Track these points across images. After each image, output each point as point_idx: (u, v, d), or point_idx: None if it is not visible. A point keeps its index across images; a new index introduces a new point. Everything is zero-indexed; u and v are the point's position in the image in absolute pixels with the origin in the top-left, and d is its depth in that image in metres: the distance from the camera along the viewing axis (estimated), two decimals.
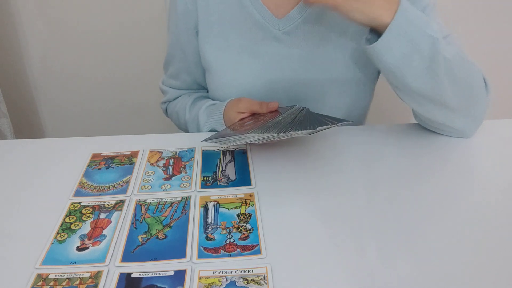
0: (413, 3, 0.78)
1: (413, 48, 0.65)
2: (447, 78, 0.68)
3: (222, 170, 0.72)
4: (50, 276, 0.53)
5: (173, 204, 0.65)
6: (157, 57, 1.30)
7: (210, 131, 0.86)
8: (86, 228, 0.61)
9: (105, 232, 0.60)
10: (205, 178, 0.71)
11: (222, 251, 0.56)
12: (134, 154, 0.77)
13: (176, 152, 0.78)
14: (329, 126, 0.66)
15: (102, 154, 0.77)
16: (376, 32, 0.69)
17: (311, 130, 0.65)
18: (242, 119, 0.80)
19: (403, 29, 0.64)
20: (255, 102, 0.80)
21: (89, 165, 0.75)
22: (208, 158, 0.76)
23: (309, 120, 0.70)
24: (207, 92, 0.97)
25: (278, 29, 0.83)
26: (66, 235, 0.60)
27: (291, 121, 0.71)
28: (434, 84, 0.68)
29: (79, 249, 0.57)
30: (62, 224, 0.61)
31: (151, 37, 1.52)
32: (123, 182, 0.70)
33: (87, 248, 0.57)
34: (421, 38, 0.65)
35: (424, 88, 0.69)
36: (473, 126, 0.78)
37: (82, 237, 0.59)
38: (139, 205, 0.65)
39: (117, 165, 0.74)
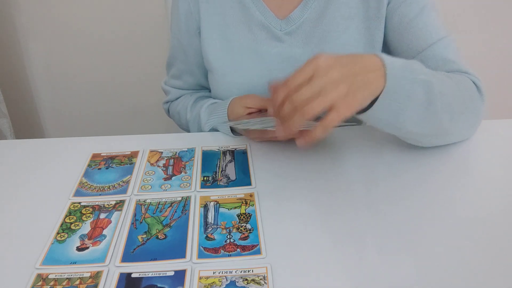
0: (410, 4, 0.78)
1: (408, 100, 0.61)
2: (445, 111, 0.66)
3: (222, 170, 0.72)
4: (50, 276, 0.53)
5: (173, 204, 0.65)
6: (157, 58, 1.30)
7: (211, 130, 0.86)
8: (86, 228, 0.61)
9: (105, 232, 0.60)
10: (205, 178, 0.71)
11: (222, 251, 0.56)
12: (134, 154, 0.77)
13: (176, 152, 0.78)
14: (342, 123, 0.67)
15: (102, 154, 0.77)
16: None
17: None
18: (249, 114, 0.80)
19: (395, 89, 0.60)
20: (264, 98, 0.80)
21: (89, 165, 0.75)
22: (208, 158, 0.76)
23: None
24: (209, 92, 0.97)
25: (280, 29, 0.83)
26: (66, 235, 0.60)
27: None
28: (434, 121, 0.66)
29: (79, 249, 0.57)
30: (62, 224, 0.61)
31: (151, 38, 1.52)
32: (123, 182, 0.70)
33: (87, 248, 0.57)
34: (414, 88, 0.61)
35: (425, 128, 0.67)
36: (470, 132, 0.77)
37: (82, 237, 0.59)
38: (139, 205, 0.65)
39: (117, 165, 0.74)
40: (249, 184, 0.69)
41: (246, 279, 0.52)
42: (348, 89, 0.55)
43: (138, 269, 0.54)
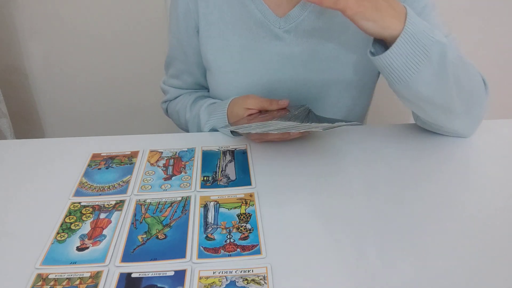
0: (412, 3, 0.78)
1: (424, 55, 0.64)
2: (454, 82, 0.68)
3: (222, 170, 0.72)
4: (50, 276, 0.53)
5: (173, 204, 0.65)
6: (157, 57, 1.30)
7: (211, 130, 0.86)
8: (86, 228, 0.61)
9: (105, 232, 0.60)
10: (205, 178, 0.71)
11: (222, 251, 0.56)
12: (134, 154, 0.77)
13: (176, 152, 0.78)
14: (344, 123, 0.68)
15: (102, 154, 0.77)
16: (379, 43, 0.68)
17: (330, 124, 0.66)
18: (249, 115, 0.80)
19: (413, 38, 0.64)
20: (265, 99, 0.80)
21: (89, 165, 0.75)
22: (208, 158, 0.76)
23: (320, 119, 0.72)
24: (208, 91, 0.97)
25: (279, 27, 0.83)
26: (66, 235, 0.60)
27: (305, 117, 0.72)
28: (443, 89, 0.68)
29: (79, 249, 0.57)
30: (62, 224, 0.61)
31: (151, 37, 1.52)
32: (123, 182, 0.70)
33: (87, 248, 0.57)
34: (430, 44, 0.64)
35: (434, 95, 0.69)
36: (473, 126, 0.78)
37: (82, 237, 0.59)
38: (139, 205, 0.65)
39: (117, 165, 0.74)
40: (249, 184, 0.69)
41: (246, 279, 0.52)
42: None
43: (138, 269, 0.54)
